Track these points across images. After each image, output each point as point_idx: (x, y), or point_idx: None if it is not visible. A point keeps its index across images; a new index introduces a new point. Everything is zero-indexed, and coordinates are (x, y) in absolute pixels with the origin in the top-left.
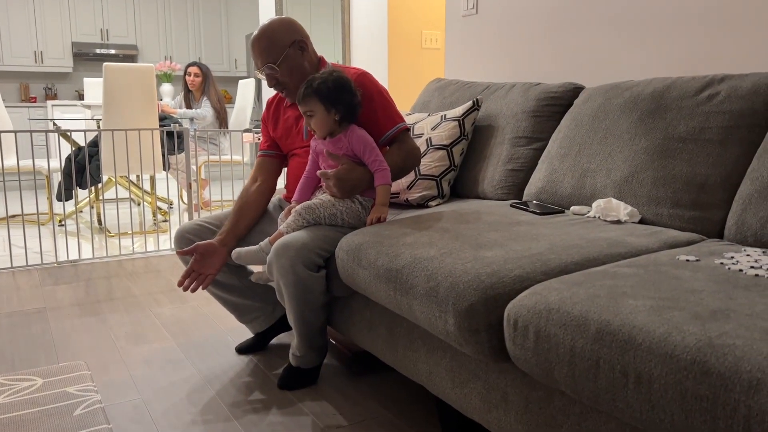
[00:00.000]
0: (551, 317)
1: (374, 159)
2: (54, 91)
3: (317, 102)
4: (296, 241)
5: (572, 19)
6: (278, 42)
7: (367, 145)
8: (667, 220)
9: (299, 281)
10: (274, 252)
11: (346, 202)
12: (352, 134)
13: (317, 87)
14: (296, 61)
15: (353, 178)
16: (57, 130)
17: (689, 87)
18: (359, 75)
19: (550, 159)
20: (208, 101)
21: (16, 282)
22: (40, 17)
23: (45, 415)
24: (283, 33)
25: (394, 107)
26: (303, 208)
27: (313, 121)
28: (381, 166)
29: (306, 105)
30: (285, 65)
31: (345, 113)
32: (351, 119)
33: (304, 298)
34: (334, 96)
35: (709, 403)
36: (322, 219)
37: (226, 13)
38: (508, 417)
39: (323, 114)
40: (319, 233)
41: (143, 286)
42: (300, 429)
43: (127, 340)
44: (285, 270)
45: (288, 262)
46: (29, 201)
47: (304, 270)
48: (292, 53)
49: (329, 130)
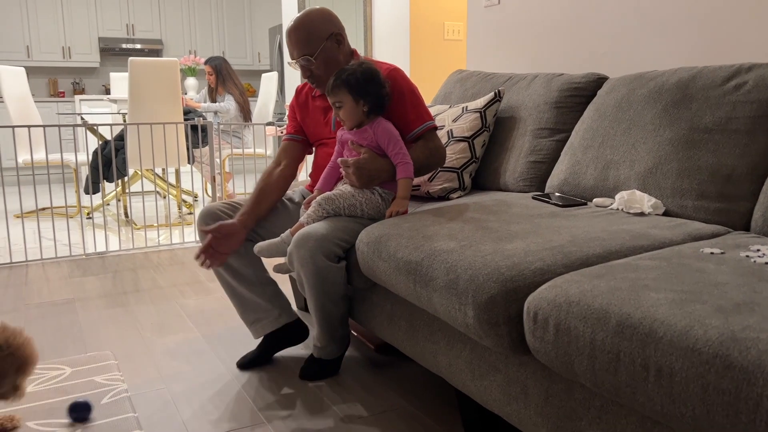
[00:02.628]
0: (571, 310)
1: (398, 152)
2: (81, 86)
3: (346, 93)
4: (316, 231)
5: (596, 8)
6: (316, 34)
7: (392, 138)
8: (692, 212)
9: (319, 272)
10: (294, 243)
11: (366, 194)
12: (378, 126)
13: (346, 78)
14: (332, 54)
15: (372, 168)
16: (84, 124)
17: (716, 76)
18: (392, 70)
19: (572, 150)
20: (231, 95)
21: (45, 273)
22: (67, 14)
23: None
24: (321, 25)
25: (424, 105)
26: (323, 199)
27: (342, 111)
28: (404, 159)
29: (335, 96)
30: (321, 58)
31: (373, 105)
32: (379, 111)
33: (324, 289)
34: (363, 87)
35: (731, 397)
36: (342, 210)
37: (249, 8)
38: (528, 410)
39: (352, 105)
40: (339, 224)
41: (169, 278)
42: (321, 419)
43: (152, 330)
44: (305, 260)
45: (308, 252)
46: (58, 194)
47: (323, 260)
48: (328, 46)
49: (357, 122)
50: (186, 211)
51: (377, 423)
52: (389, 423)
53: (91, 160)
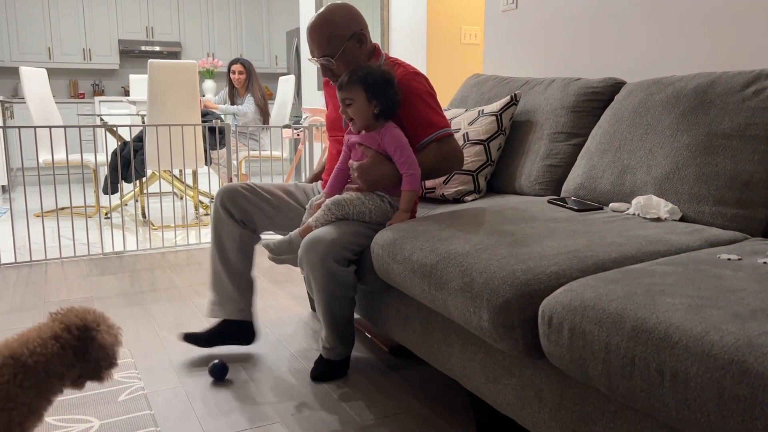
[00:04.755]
0: (586, 314)
1: (404, 161)
2: (101, 88)
3: (360, 90)
4: (327, 236)
5: (614, 12)
6: (338, 34)
7: (398, 146)
8: (709, 218)
9: (329, 276)
10: (304, 247)
11: (375, 201)
12: (386, 132)
13: (364, 76)
14: (353, 54)
15: (376, 172)
16: (104, 125)
17: (735, 82)
18: (414, 73)
19: (589, 155)
20: (251, 97)
21: (64, 272)
22: (88, 16)
23: (91, 400)
24: (343, 24)
25: (442, 111)
26: (332, 203)
27: (351, 109)
28: (410, 170)
29: (347, 92)
30: (342, 59)
31: (384, 108)
32: (388, 116)
33: (332, 292)
34: (378, 88)
35: (747, 404)
36: (351, 215)
37: (267, 11)
38: (542, 413)
39: (364, 103)
40: (349, 229)
41: (185, 278)
42: (335, 420)
43: (169, 329)
44: (315, 265)
45: (318, 257)
46: (77, 194)
47: (334, 265)
48: (350, 46)
49: (366, 123)
50: (203, 212)
51: (390, 425)
52: (402, 425)
53: (110, 161)
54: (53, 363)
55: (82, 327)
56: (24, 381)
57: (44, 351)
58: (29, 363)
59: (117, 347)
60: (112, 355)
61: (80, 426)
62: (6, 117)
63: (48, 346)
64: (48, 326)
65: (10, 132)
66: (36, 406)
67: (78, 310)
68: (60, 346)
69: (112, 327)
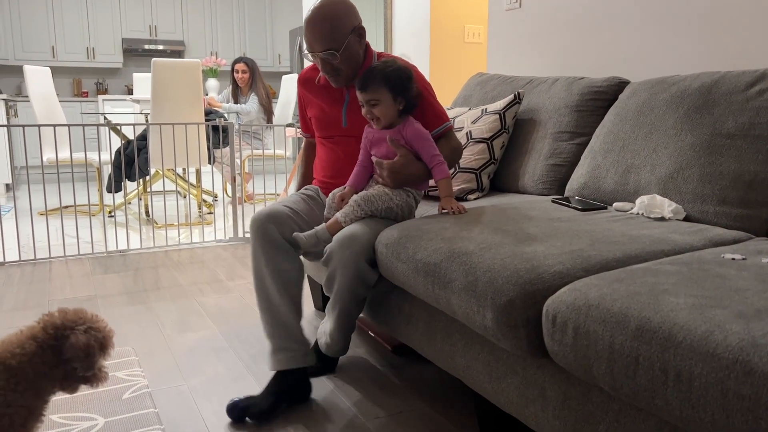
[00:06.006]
0: (590, 313)
1: (433, 154)
2: (105, 86)
3: (386, 90)
4: (363, 235)
5: (617, 12)
6: (341, 28)
7: (425, 139)
8: (713, 218)
9: (358, 275)
10: (338, 243)
11: (402, 196)
12: (410, 127)
13: (389, 74)
14: (354, 48)
15: (407, 173)
16: (108, 124)
17: (739, 82)
18: (413, 67)
19: (593, 154)
20: (255, 96)
21: (68, 270)
22: (92, 15)
23: (96, 398)
24: (345, 19)
25: (440, 104)
26: (362, 199)
27: (378, 109)
28: (439, 161)
29: (372, 93)
30: (345, 53)
31: (408, 104)
32: (410, 111)
33: (356, 291)
34: (401, 85)
35: (751, 403)
36: (379, 212)
37: (270, 10)
38: (545, 412)
39: (390, 103)
40: (380, 228)
41: (189, 276)
42: (338, 418)
43: (172, 327)
44: (347, 262)
45: (354, 255)
46: (81, 192)
47: (365, 266)
48: (352, 40)
49: (392, 121)
50: (206, 210)
51: (394, 423)
52: (406, 423)
53: (113, 159)
54: (35, 362)
55: (59, 326)
56: (18, 384)
57: (23, 351)
58: (14, 365)
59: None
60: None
61: (85, 424)
62: (10, 115)
63: (26, 346)
64: (30, 327)
65: (15, 130)
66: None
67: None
68: (38, 345)
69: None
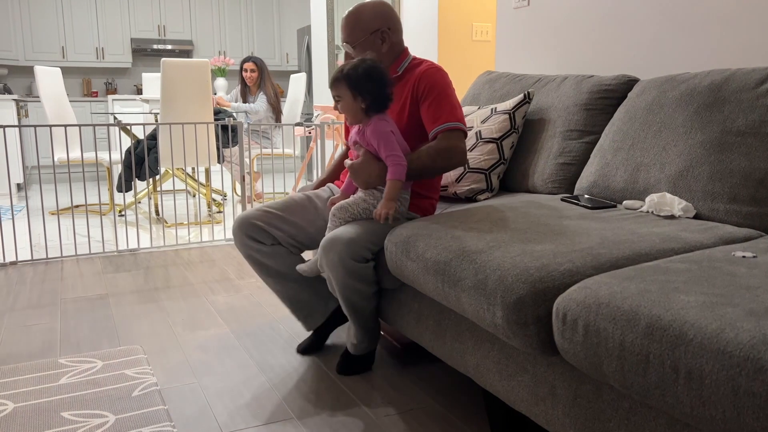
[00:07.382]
0: (601, 311)
1: (389, 153)
2: (114, 86)
3: (345, 87)
4: (344, 235)
5: (626, 9)
6: (362, 26)
7: (381, 139)
8: (724, 216)
9: (349, 273)
10: (322, 248)
11: (377, 196)
12: (371, 125)
13: (347, 72)
14: (373, 48)
15: (365, 172)
16: (118, 123)
17: (749, 79)
18: (431, 67)
19: (602, 153)
20: (264, 95)
21: (80, 269)
22: (101, 15)
23: (105, 396)
24: (370, 19)
25: (450, 105)
26: (337, 209)
27: (341, 105)
28: (396, 161)
29: (335, 89)
30: (360, 49)
31: (371, 103)
32: (377, 110)
33: (354, 288)
34: (361, 83)
35: (762, 400)
36: (358, 215)
37: (278, 9)
38: (555, 410)
39: (350, 100)
40: (367, 227)
41: (199, 275)
42: (349, 416)
43: (183, 326)
44: (334, 264)
45: (336, 256)
46: (92, 192)
47: (353, 263)
48: (371, 40)
49: (356, 118)
50: (215, 209)
51: (404, 421)
52: (416, 421)
53: (123, 159)
54: None
55: None
56: None
57: None
58: None
59: None
60: None
61: (96, 421)
62: (21, 116)
63: None
64: None
65: (26, 131)
66: None
67: None
68: None
69: None
